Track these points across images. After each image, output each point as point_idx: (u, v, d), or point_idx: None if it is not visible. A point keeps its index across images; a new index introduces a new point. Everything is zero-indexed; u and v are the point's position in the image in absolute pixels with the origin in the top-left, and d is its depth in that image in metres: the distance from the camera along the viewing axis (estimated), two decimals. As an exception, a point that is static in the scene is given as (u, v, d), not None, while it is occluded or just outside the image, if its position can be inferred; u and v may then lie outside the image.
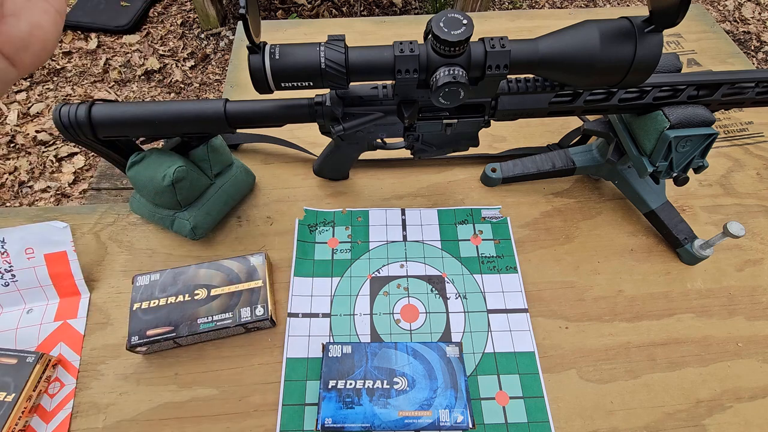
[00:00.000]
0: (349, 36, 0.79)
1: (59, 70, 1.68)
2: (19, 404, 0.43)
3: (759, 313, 0.52)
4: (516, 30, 0.82)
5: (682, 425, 0.46)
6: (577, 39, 0.38)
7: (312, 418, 0.45)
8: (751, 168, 0.65)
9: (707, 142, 0.46)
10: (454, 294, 0.53)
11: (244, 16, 0.34)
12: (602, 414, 0.46)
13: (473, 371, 0.48)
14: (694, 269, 0.55)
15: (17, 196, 1.39)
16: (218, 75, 1.74)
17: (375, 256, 0.55)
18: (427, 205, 0.60)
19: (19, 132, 1.51)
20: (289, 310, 0.51)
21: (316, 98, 0.46)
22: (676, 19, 0.34)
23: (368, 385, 0.44)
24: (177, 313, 0.47)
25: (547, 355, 0.49)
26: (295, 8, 1.93)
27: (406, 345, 0.47)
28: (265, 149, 0.65)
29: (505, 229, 0.57)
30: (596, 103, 0.47)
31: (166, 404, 0.46)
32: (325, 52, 0.38)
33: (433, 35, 0.37)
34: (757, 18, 1.99)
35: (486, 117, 0.47)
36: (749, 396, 0.47)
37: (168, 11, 1.91)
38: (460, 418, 0.42)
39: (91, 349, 0.49)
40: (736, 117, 0.71)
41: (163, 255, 0.55)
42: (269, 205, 0.60)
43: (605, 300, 0.53)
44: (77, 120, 0.44)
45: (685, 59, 0.78)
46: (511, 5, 2.04)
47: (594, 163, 0.58)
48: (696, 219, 0.60)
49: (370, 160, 0.63)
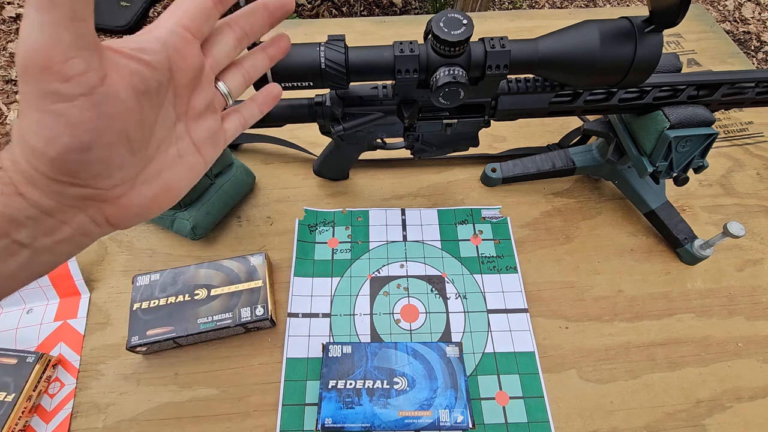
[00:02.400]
0: (349, 36, 0.79)
1: (59, 70, 1.68)
2: (19, 404, 0.43)
3: (759, 313, 0.52)
4: (516, 30, 0.82)
5: (682, 425, 0.46)
6: (577, 39, 0.38)
7: (312, 418, 0.45)
8: (751, 168, 0.65)
9: (707, 142, 0.46)
10: (454, 294, 0.53)
11: (244, 16, 0.34)
12: (602, 414, 0.46)
13: (473, 371, 0.48)
14: (694, 269, 0.55)
15: (17, 196, 1.38)
16: (218, 75, 1.73)
17: (375, 256, 0.55)
18: (427, 205, 0.60)
19: (19, 132, 1.51)
20: (289, 310, 0.51)
21: (316, 98, 0.46)
22: (676, 19, 0.34)
23: (368, 385, 0.44)
24: (177, 313, 0.47)
25: (547, 355, 0.49)
26: (295, 8, 1.93)
27: (406, 345, 0.47)
28: (265, 149, 0.65)
29: (505, 229, 0.57)
30: (596, 103, 0.47)
31: (166, 404, 0.46)
32: (325, 52, 0.38)
33: (433, 35, 0.37)
34: (757, 18, 1.99)
35: (486, 117, 0.47)
36: (749, 396, 0.47)
37: (168, 11, 1.91)
38: (460, 418, 0.42)
39: (91, 349, 0.49)
40: (736, 117, 0.71)
41: (163, 255, 0.55)
42: (269, 205, 0.60)
43: (605, 300, 0.53)
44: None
45: (685, 59, 0.78)
46: (511, 5, 2.04)
47: (594, 163, 0.58)
48: (696, 219, 0.60)
49: (370, 160, 0.62)
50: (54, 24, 0.17)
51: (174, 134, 0.24)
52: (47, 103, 0.18)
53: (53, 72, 0.17)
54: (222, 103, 0.26)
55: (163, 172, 0.23)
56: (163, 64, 0.21)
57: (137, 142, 0.21)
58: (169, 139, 0.23)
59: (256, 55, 0.28)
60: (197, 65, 0.23)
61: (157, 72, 0.21)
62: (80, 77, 0.18)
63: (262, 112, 0.29)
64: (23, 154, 0.19)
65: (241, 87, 0.27)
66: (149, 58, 0.20)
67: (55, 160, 0.18)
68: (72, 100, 0.18)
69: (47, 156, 0.18)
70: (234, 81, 0.26)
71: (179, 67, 0.22)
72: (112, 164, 0.20)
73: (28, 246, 0.20)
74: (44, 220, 0.20)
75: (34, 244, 0.20)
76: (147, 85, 0.20)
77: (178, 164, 0.24)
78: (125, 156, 0.21)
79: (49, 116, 0.18)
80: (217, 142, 0.26)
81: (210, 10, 0.23)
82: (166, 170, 0.23)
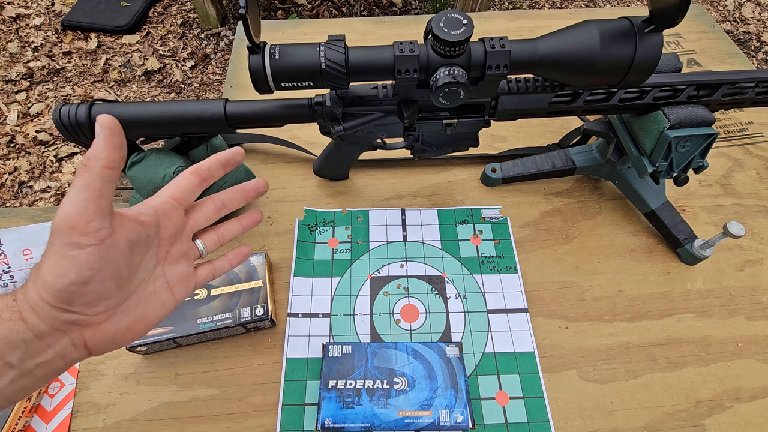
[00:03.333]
0: (349, 36, 0.79)
1: (59, 70, 1.68)
2: (19, 404, 0.43)
3: (759, 313, 0.52)
4: (516, 30, 0.82)
5: (682, 425, 0.46)
6: (577, 39, 0.38)
7: (312, 418, 0.45)
8: (751, 168, 0.65)
9: (707, 142, 0.46)
10: (454, 294, 0.53)
11: (244, 16, 0.34)
12: (602, 414, 0.46)
13: (473, 371, 0.48)
14: (694, 269, 0.55)
15: (17, 196, 1.39)
16: (218, 75, 1.74)
17: (375, 256, 0.55)
18: (427, 205, 0.60)
19: (19, 132, 1.51)
20: (289, 310, 0.51)
21: (316, 98, 0.46)
22: (676, 19, 0.34)
23: (368, 385, 0.44)
24: (177, 313, 0.47)
25: (547, 355, 0.49)
26: (295, 8, 1.93)
27: (406, 345, 0.47)
28: (265, 149, 0.65)
29: (505, 229, 0.57)
30: (596, 103, 0.47)
31: (166, 404, 0.46)
32: (325, 52, 0.38)
33: (433, 35, 0.37)
34: (757, 18, 1.99)
35: (486, 117, 0.47)
36: (749, 396, 0.47)
37: (168, 11, 1.91)
38: (460, 418, 0.42)
39: (91, 349, 0.49)
40: (736, 117, 0.71)
41: (163, 255, 0.55)
42: (269, 205, 0.60)
43: (605, 300, 0.53)
44: (77, 120, 0.44)
45: (685, 59, 0.78)
46: (511, 5, 2.04)
47: (594, 163, 0.58)
48: (696, 219, 0.60)
49: (370, 160, 0.62)
50: (86, 200, 0.24)
51: (153, 275, 0.29)
52: (66, 250, 0.23)
53: (77, 230, 0.23)
54: (197, 254, 0.33)
55: (140, 305, 0.28)
56: (153, 223, 0.28)
57: (124, 279, 0.26)
58: (148, 278, 0.29)
59: (232, 223, 0.35)
60: (179, 224, 0.30)
61: (148, 227, 0.28)
62: (95, 233, 0.24)
63: (232, 266, 0.35)
64: (35, 287, 0.24)
65: (215, 245, 0.34)
66: (144, 219, 0.27)
67: (61, 290, 0.23)
68: (85, 248, 0.24)
69: (54, 287, 0.23)
70: (209, 240, 0.34)
71: (165, 225, 0.29)
72: (102, 295, 0.25)
73: (16, 368, 0.24)
74: (35, 343, 0.24)
75: (21, 366, 0.24)
76: (139, 237, 0.27)
77: (152, 299, 0.29)
78: (113, 289, 0.26)
79: (64, 259, 0.23)
80: (189, 284, 0.32)
81: (195, 187, 0.31)
82: (142, 304, 0.28)
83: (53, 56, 1.71)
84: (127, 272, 0.26)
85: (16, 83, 1.63)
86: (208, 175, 0.32)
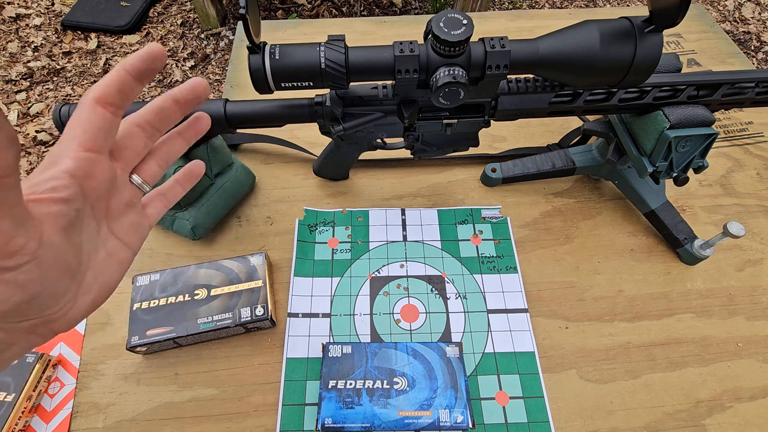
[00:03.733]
0: (349, 36, 0.79)
1: (59, 70, 1.68)
2: (19, 404, 0.43)
3: (759, 313, 0.52)
4: (516, 30, 0.82)
5: (682, 425, 0.46)
6: (577, 39, 0.38)
7: (312, 418, 0.45)
8: (751, 168, 0.65)
9: (707, 142, 0.46)
10: (454, 294, 0.53)
11: (244, 16, 0.34)
12: (602, 414, 0.46)
13: (473, 371, 0.48)
14: (694, 269, 0.55)
15: (17, 196, 1.38)
16: (218, 75, 1.74)
17: (375, 256, 0.55)
18: (427, 205, 0.60)
19: (19, 132, 1.51)
20: (289, 310, 0.51)
21: (316, 98, 0.46)
22: (676, 19, 0.34)
23: (368, 385, 0.44)
24: (177, 313, 0.47)
25: (547, 355, 0.49)
26: (295, 8, 1.93)
27: (406, 345, 0.47)
28: (265, 149, 0.65)
29: (505, 229, 0.57)
30: (596, 103, 0.47)
31: (166, 404, 0.46)
32: (325, 52, 0.38)
33: (433, 35, 0.37)
34: (757, 18, 1.99)
35: (486, 117, 0.47)
36: (749, 396, 0.47)
37: (168, 11, 1.91)
38: (460, 418, 0.42)
39: (91, 349, 0.49)
40: (736, 117, 0.71)
41: (163, 255, 0.55)
42: (269, 205, 0.60)
43: (605, 300, 0.53)
44: (77, 120, 0.44)
45: (685, 59, 0.78)
46: (511, 5, 2.04)
47: (594, 163, 0.58)
48: (696, 219, 0.60)
49: (370, 160, 0.63)
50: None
51: (100, 240, 0.25)
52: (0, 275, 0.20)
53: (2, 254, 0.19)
54: (139, 195, 0.27)
55: (98, 276, 0.25)
56: (75, 194, 0.22)
57: (74, 267, 0.23)
58: (96, 246, 0.25)
59: (172, 140, 0.28)
60: (108, 177, 0.24)
61: (73, 203, 0.22)
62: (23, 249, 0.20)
63: (185, 189, 0.30)
64: None
65: (157, 175, 0.28)
66: (64, 194, 0.22)
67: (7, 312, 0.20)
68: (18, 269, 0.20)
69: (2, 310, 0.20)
70: (149, 171, 0.27)
71: (91, 187, 0.23)
72: (58, 295, 0.22)
73: None
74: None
75: None
76: (69, 219, 0.22)
77: (109, 264, 0.25)
78: (68, 283, 0.23)
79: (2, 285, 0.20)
80: (142, 229, 0.27)
81: (108, 122, 0.23)
82: (101, 274, 0.25)
83: (53, 56, 1.71)
84: (75, 260, 0.23)
85: (16, 83, 1.63)
86: (119, 97, 0.23)
